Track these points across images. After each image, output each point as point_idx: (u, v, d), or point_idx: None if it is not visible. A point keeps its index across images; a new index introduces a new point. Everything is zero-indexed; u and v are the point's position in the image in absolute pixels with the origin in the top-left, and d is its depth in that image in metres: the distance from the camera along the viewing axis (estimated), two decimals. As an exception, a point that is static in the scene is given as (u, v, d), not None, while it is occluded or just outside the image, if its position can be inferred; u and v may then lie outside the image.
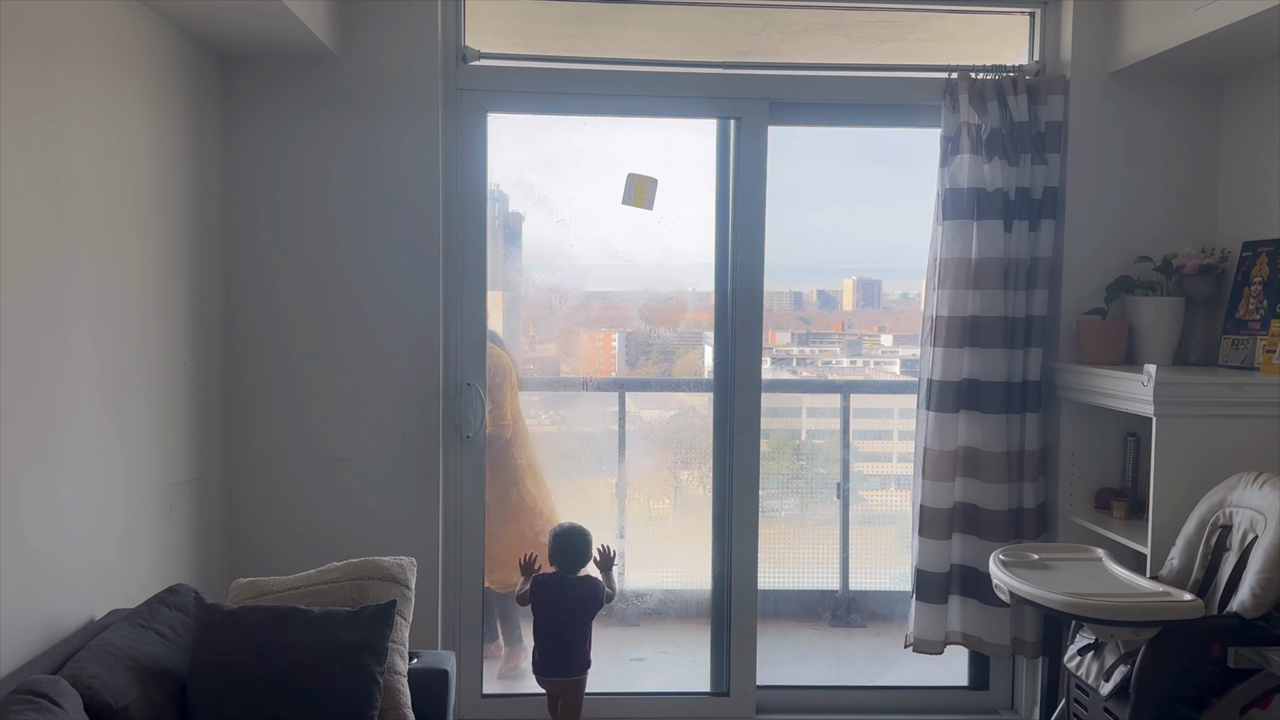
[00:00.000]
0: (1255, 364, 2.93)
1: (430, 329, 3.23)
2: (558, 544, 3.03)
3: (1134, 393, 2.82)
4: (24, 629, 2.13)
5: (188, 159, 2.90)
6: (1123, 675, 2.46)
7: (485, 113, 3.30)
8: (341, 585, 2.45)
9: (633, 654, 3.73)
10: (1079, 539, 3.18)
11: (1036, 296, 3.23)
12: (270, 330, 3.19)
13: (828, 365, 4.25)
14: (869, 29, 3.42)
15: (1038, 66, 3.35)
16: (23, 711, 1.76)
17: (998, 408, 3.22)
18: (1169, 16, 2.90)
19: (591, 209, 3.53)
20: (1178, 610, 2.39)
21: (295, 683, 2.17)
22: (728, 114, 3.37)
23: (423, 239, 3.20)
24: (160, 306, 2.75)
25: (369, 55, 3.15)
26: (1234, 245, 3.15)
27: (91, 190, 2.38)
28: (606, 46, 3.39)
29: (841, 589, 4.13)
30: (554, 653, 2.98)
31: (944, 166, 3.24)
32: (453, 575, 3.34)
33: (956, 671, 3.59)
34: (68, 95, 2.27)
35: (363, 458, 3.22)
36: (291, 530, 3.20)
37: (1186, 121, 3.27)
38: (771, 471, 3.94)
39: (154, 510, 2.73)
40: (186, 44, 2.88)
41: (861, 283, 4.12)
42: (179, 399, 2.87)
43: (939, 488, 3.27)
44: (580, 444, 3.82)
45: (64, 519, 2.28)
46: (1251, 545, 2.47)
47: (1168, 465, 2.76)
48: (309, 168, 3.16)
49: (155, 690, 2.11)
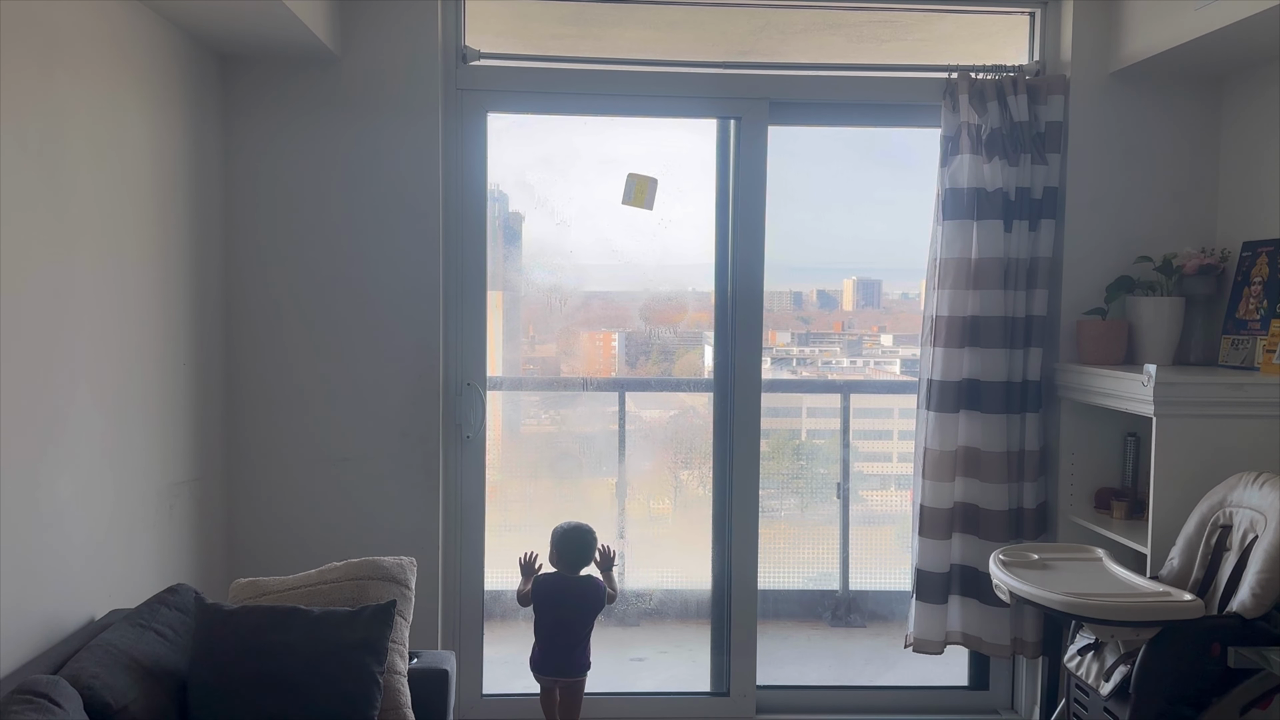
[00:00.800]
0: (1255, 364, 2.93)
1: (430, 329, 3.23)
2: (561, 543, 2.99)
3: (1134, 393, 2.82)
4: (24, 629, 2.13)
5: (188, 159, 2.90)
6: (1123, 675, 2.46)
7: (485, 113, 3.30)
8: (341, 585, 2.45)
9: (633, 654, 3.72)
10: (1079, 539, 3.18)
11: (1036, 296, 3.23)
12: (270, 330, 3.19)
13: (828, 365, 4.25)
14: (869, 29, 3.42)
15: (1038, 66, 3.35)
16: (23, 711, 1.76)
17: (998, 408, 3.22)
18: (1169, 16, 2.90)
19: (591, 209, 3.53)
20: (1178, 610, 2.39)
21: (295, 683, 2.17)
22: (728, 114, 3.37)
23: (423, 239, 3.20)
24: (160, 306, 2.75)
25: (369, 55, 3.15)
26: (1234, 245, 3.15)
27: (91, 190, 2.38)
28: (606, 46, 3.39)
29: (841, 589, 4.13)
30: (554, 653, 2.98)
31: (944, 166, 3.24)
32: (453, 575, 3.34)
33: (956, 671, 3.59)
34: (68, 95, 2.27)
35: (363, 458, 3.22)
36: (291, 530, 3.20)
37: (1186, 121, 3.27)
38: (771, 471, 3.94)
39: (154, 510, 2.73)
40: (186, 44, 2.88)
41: (861, 283, 4.12)
42: (179, 399, 2.87)
43: (939, 488, 3.27)
44: (580, 444, 3.82)
45: (64, 519, 2.28)
46: (1251, 545, 2.47)
47: (1168, 465, 2.76)
48: (309, 168, 3.16)
49: (155, 690, 2.11)
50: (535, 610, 2.99)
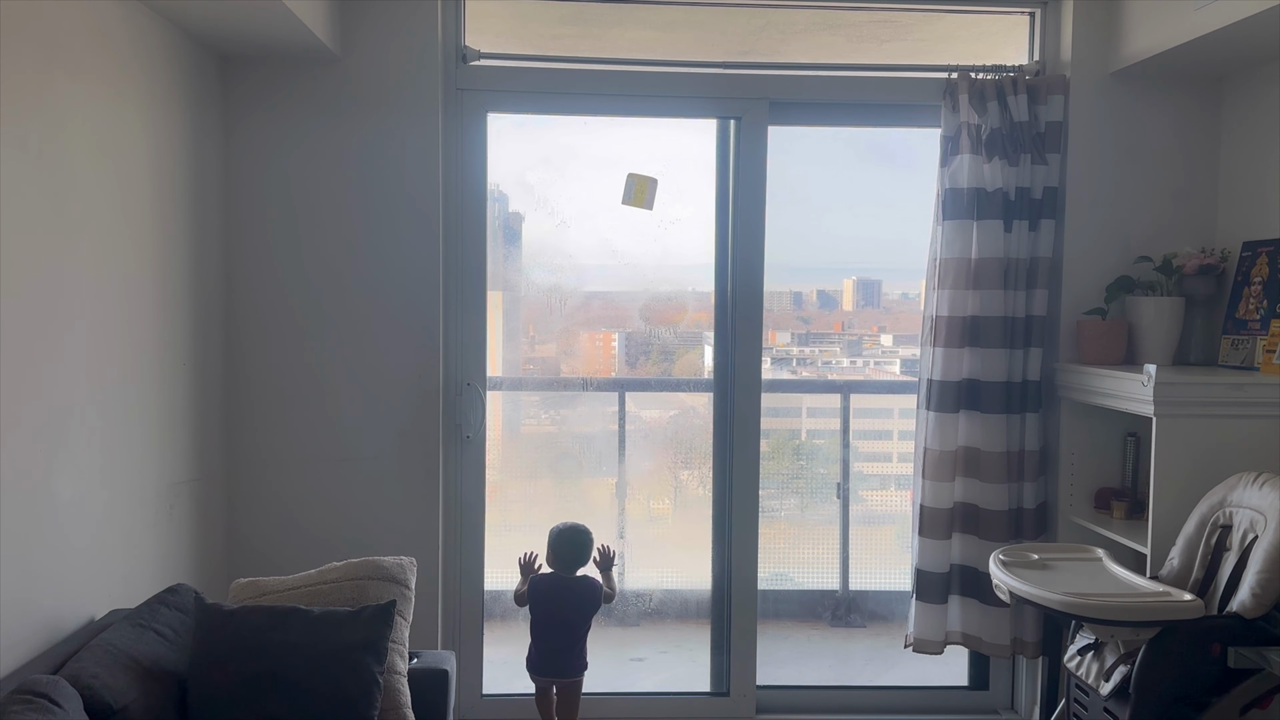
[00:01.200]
0: (1255, 364, 2.93)
1: (430, 329, 3.23)
2: (557, 544, 2.98)
3: (1134, 393, 2.82)
4: (24, 629, 2.13)
5: (188, 159, 2.90)
6: (1123, 675, 2.46)
7: (485, 113, 3.30)
8: (341, 585, 2.45)
9: (633, 654, 3.72)
10: (1079, 539, 3.18)
11: (1036, 296, 3.23)
12: (270, 330, 3.19)
13: (828, 365, 4.25)
14: (869, 29, 3.42)
15: (1038, 66, 3.35)
16: (23, 711, 1.76)
17: (998, 408, 3.22)
18: (1169, 16, 2.90)
19: (591, 209, 3.53)
20: (1178, 610, 2.39)
21: (295, 683, 2.17)
22: (728, 114, 3.37)
23: (423, 239, 3.20)
24: (160, 307, 2.75)
25: (369, 55, 3.15)
26: (1234, 245, 3.15)
27: (91, 191, 2.38)
28: (606, 46, 3.39)
29: (841, 589, 4.13)
30: (551, 653, 2.97)
31: (944, 166, 3.24)
32: (453, 575, 3.34)
33: (956, 671, 3.59)
34: (68, 95, 2.27)
35: (363, 458, 3.22)
36: (291, 530, 3.20)
37: (1186, 121, 3.27)
38: (771, 471, 3.94)
39: (154, 510, 2.73)
40: (187, 44, 2.88)
41: (861, 283, 4.12)
42: (179, 399, 2.87)
43: (939, 488, 3.27)
44: (580, 444, 3.82)
45: (64, 519, 2.28)
46: (1251, 545, 2.47)
47: (1168, 465, 2.76)
48: (309, 168, 3.16)
49: (155, 690, 2.11)
50: (531, 611, 2.98)
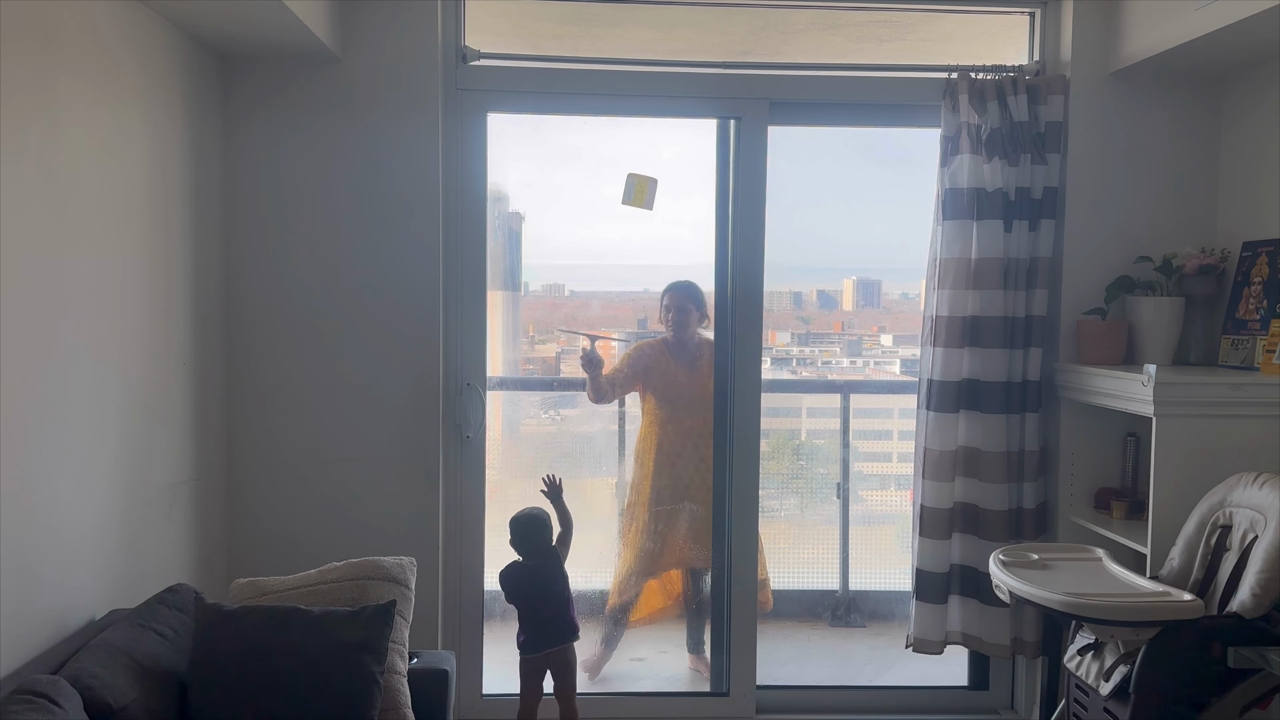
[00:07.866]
0: (1255, 364, 2.93)
1: (430, 329, 3.23)
2: (511, 533, 2.96)
3: (1134, 393, 2.82)
4: (24, 629, 2.13)
5: (188, 159, 2.90)
6: (1123, 675, 2.46)
7: (485, 113, 3.30)
8: (341, 585, 2.45)
9: (633, 654, 3.72)
10: (1079, 539, 3.18)
11: (1036, 296, 3.23)
12: (270, 330, 3.19)
13: (828, 365, 4.25)
14: (869, 29, 3.42)
15: (1038, 66, 3.35)
16: (23, 711, 1.76)
17: (998, 408, 3.22)
18: (1169, 16, 2.90)
19: (591, 209, 3.53)
20: (1178, 610, 2.39)
21: (295, 683, 2.17)
22: (728, 114, 3.37)
23: (423, 239, 3.20)
24: (160, 307, 2.75)
25: (369, 55, 3.15)
26: (1234, 245, 3.15)
27: (91, 191, 2.38)
28: (606, 46, 3.39)
29: (841, 589, 4.13)
30: (544, 624, 2.97)
31: (944, 166, 3.24)
32: (453, 575, 3.34)
33: (956, 671, 3.59)
34: (67, 96, 2.27)
35: (363, 458, 3.22)
36: (291, 530, 3.20)
37: (1186, 121, 3.27)
38: (771, 471, 3.94)
39: (154, 510, 2.73)
40: (187, 44, 2.88)
41: (861, 283, 4.12)
42: (179, 399, 2.87)
43: (939, 488, 3.27)
44: (580, 444, 3.82)
45: (64, 519, 2.28)
46: (1251, 545, 2.47)
47: (1168, 465, 2.76)
48: (309, 168, 3.16)
49: (155, 690, 2.12)
50: (511, 602, 2.99)
